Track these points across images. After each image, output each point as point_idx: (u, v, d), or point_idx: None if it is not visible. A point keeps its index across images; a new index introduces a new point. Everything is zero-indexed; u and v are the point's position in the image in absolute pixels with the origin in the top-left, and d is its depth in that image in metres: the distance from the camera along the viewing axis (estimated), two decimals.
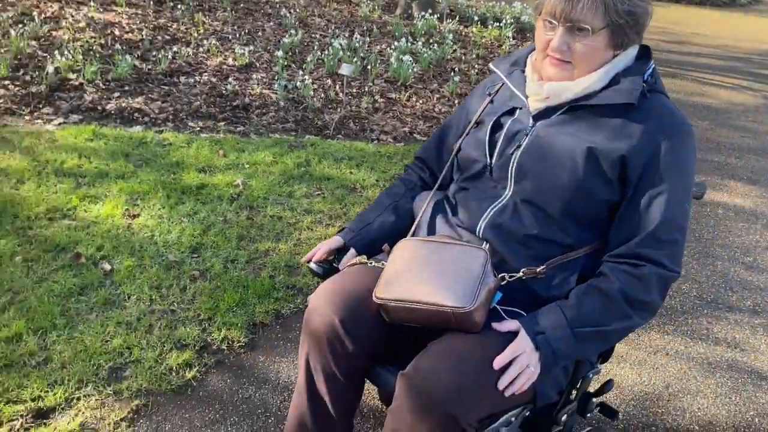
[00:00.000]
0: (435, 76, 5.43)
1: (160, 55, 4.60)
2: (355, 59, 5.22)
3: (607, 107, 1.32)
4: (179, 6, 5.91)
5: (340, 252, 1.54)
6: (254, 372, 2.08)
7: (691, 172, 1.35)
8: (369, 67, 5.14)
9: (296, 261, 2.65)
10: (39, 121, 3.57)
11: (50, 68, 3.97)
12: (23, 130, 3.39)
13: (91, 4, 5.50)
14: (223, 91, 4.34)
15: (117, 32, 5.04)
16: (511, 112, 1.42)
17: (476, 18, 7.31)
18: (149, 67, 4.51)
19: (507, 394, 1.23)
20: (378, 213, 1.57)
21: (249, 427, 1.86)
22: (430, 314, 1.26)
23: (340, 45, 5.36)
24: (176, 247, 2.61)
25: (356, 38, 5.80)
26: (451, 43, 6.11)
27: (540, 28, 1.34)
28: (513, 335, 1.27)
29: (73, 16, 5.17)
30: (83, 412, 1.82)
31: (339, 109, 4.36)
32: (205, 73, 4.61)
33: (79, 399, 1.86)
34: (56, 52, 4.25)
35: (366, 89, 4.83)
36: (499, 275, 1.33)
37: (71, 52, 4.31)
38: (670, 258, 1.30)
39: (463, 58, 6.05)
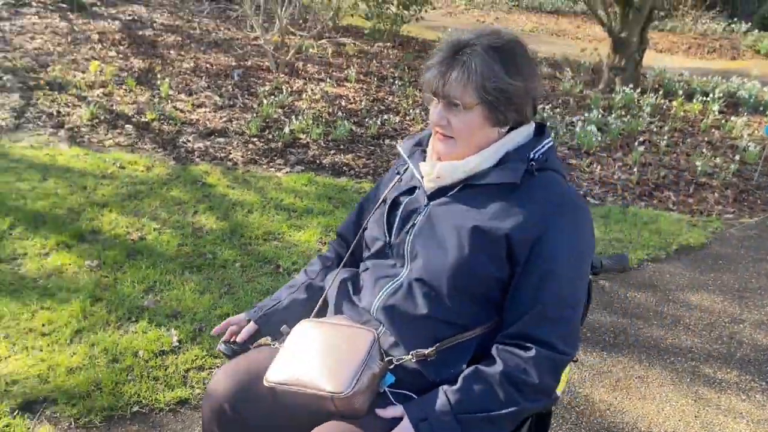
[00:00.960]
0: (622, 146, 5.60)
1: (372, 122, 5.50)
2: None
3: (495, 186, 1.32)
4: (397, 82, 6.88)
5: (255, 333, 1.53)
6: None
7: (585, 249, 1.33)
8: (553, 135, 5.50)
9: None
10: (272, 169, 4.57)
11: (287, 129, 5.04)
12: (259, 175, 4.39)
13: (328, 80, 6.69)
14: None
15: (343, 103, 6.10)
16: (410, 191, 1.44)
17: (681, 92, 7.23)
18: (362, 131, 5.41)
19: None
20: (291, 291, 1.57)
21: None
22: (311, 399, 1.25)
23: None
24: None
25: (547, 110, 6.21)
26: (647, 116, 6.20)
27: (431, 105, 1.38)
28: (397, 421, 1.25)
29: (312, 90, 6.37)
30: None
31: None
32: (405, 138, 5.38)
33: None
34: (293, 117, 5.35)
35: None
36: (387, 359, 1.30)
37: (305, 117, 5.38)
38: (560, 338, 1.27)
39: (656, 130, 6.10)
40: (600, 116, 6.01)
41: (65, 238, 3.14)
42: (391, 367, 1.31)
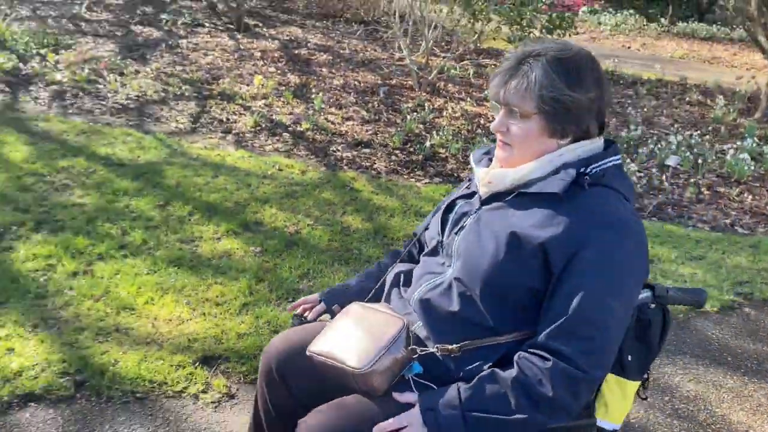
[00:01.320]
0: None
1: None
2: (688, 154, 5.45)
3: (544, 196, 1.32)
4: None
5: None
6: None
7: (624, 269, 1.29)
8: (700, 161, 5.32)
9: None
10: (413, 179, 4.82)
11: (427, 144, 5.29)
12: (401, 184, 4.66)
13: (468, 100, 6.90)
14: None
15: (482, 121, 6.27)
16: (470, 195, 1.49)
17: None
18: None
19: None
20: (361, 279, 1.70)
21: None
22: (337, 371, 1.36)
23: (677, 141, 5.65)
24: None
25: (695, 136, 5.99)
26: None
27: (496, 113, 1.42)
28: (410, 406, 1.31)
29: (452, 108, 6.60)
30: None
31: (659, 195, 4.70)
32: None
33: None
34: (434, 132, 5.60)
35: (693, 181, 5.04)
36: (411, 348, 1.35)
37: (444, 133, 5.61)
38: (581, 355, 1.24)
39: None
40: (755, 145, 5.71)
41: (233, 226, 3.55)
42: (415, 356, 1.36)
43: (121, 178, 3.96)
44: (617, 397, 1.41)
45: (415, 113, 6.12)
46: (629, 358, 1.39)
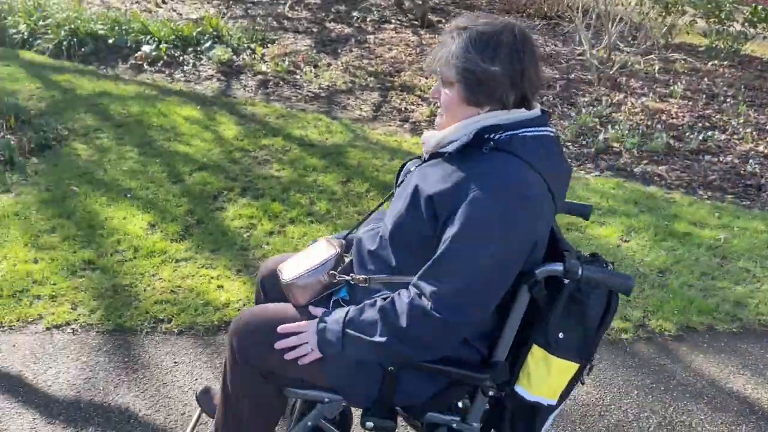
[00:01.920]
0: None
1: (692, 137, 5.35)
2: None
3: (456, 156, 1.43)
4: (729, 100, 6.49)
5: None
6: (677, 357, 2.70)
7: (493, 227, 1.34)
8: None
9: (746, 301, 3.06)
10: (582, 171, 4.82)
11: (601, 137, 5.24)
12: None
13: (651, 95, 6.63)
14: (741, 171, 4.79)
15: (663, 117, 6.02)
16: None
17: None
18: (680, 145, 5.31)
19: (286, 356, 1.51)
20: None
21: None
22: (279, 281, 1.67)
23: None
24: (647, 265, 3.38)
25: None
26: None
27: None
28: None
29: (632, 103, 6.40)
30: None
31: None
32: (730, 155, 5.13)
33: None
34: (609, 127, 5.51)
35: None
36: (332, 273, 1.60)
37: (621, 128, 5.50)
38: (439, 297, 1.36)
39: None
40: None
41: None
42: (334, 281, 1.60)
43: (311, 156, 4.46)
44: (542, 372, 1.46)
45: (591, 107, 6.05)
46: (560, 335, 1.44)
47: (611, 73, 6.84)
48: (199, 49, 6.55)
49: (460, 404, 1.66)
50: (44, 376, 2.34)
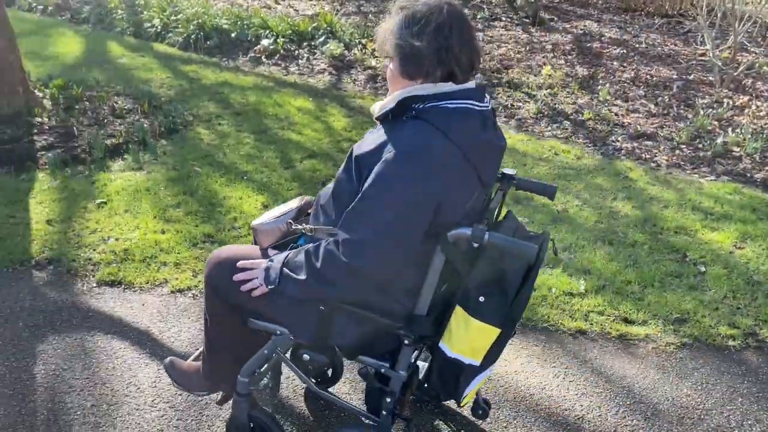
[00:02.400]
0: None
1: None
2: None
3: (384, 123, 1.60)
4: None
5: None
6: None
7: (393, 187, 1.48)
8: None
9: None
10: (696, 175, 4.62)
11: (719, 141, 4.98)
12: (681, 178, 4.50)
13: None
14: None
15: None
16: None
17: None
18: None
19: (241, 288, 1.69)
20: None
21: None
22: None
23: None
24: (762, 273, 3.21)
25: None
26: None
27: None
28: None
29: (757, 106, 6.02)
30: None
31: None
32: None
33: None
34: (729, 130, 5.22)
35: None
36: (289, 222, 1.78)
37: (743, 131, 5.20)
38: (346, 244, 1.52)
39: None
40: None
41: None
42: (292, 228, 1.78)
43: None
44: (461, 331, 1.59)
45: (710, 109, 5.76)
46: (481, 298, 1.55)
47: (735, 74, 6.47)
48: (313, 43, 6.84)
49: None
50: (168, 333, 2.59)
